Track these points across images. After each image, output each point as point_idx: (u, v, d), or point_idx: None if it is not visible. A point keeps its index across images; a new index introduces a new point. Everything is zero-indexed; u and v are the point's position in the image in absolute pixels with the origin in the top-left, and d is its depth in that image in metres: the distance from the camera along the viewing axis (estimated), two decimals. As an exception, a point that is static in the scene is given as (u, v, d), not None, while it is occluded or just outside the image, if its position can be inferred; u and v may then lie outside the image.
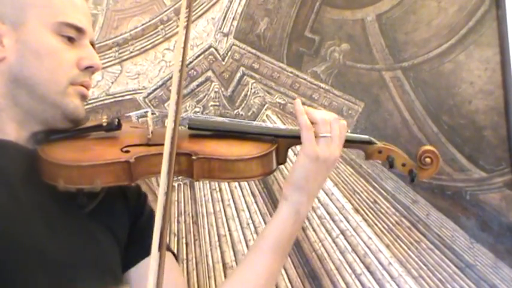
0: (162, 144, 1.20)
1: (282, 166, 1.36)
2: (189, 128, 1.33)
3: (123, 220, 1.33)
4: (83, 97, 1.29)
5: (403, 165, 1.33)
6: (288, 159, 1.35)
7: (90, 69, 1.28)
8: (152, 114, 1.37)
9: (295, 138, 1.33)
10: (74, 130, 1.28)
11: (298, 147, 1.31)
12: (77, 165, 1.18)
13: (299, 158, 1.28)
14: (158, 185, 1.93)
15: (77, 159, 1.19)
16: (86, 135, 1.29)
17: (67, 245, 1.19)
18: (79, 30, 1.27)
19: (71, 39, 1.26)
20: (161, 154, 1.16)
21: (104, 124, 1.28)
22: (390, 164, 1.32)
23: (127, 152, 1.22)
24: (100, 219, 1.27)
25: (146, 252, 1.29)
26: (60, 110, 1.25)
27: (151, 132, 1.29)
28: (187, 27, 1.19)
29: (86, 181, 1.18)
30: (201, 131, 1.33)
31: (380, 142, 1.34)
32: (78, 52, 1.27)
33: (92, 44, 1.31)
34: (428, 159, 1.32)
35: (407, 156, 1.35)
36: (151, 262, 0.99)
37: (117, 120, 1.29)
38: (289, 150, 1.36)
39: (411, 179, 1.33)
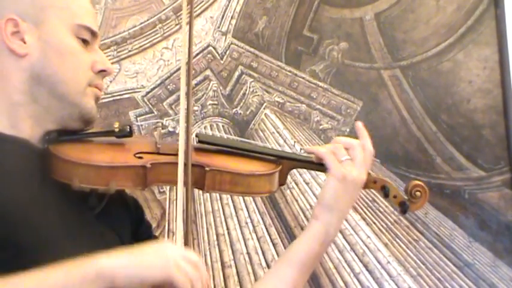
0: (172, 154, 1.23)
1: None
2: (199, 141, 1.34)
3: (126, 225, 1.35)
4: (97, 99, 1.31)
5: (395, 197, 1.38)
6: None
7: (102, 73, 1.31)
8: (162, 128, 1.39)
9: (297, 161, 1.38)
10: (86, 133, 1.29)
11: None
12: (95, 165, 1.18)
13: (328, 180, 1.33)
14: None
15: (95, 159, 1.20)
16: (96, 139, 1.29)
17: (80, 242, 1.20)
18: (93, 33, 1.30)
19: (85, 42, 1.29)
20: (172, 163, 1.20)
21: (116, 130, 1.29)
22: (385, 194, 1.38)
23: (140, 158, 1.23)
24: (107, 222, 1.28)
25: None
26: (78, 109, 1.26)
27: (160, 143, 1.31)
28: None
29: (102, 182, 1.18)
30: (207, 146, 1.35)
31: (374, 173, 1.38)
32: (91, 55, 1.29)
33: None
34: (418, 193, 1.39)
35: (398, 189, 1.39)
36: None
37: (129, 127, 1.30)
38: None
39: (403, 211, 1.38)
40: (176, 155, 1.21)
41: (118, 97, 2.01)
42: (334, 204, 1.32)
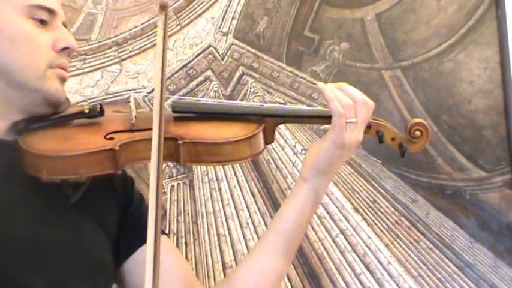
0: (146, 130, 1.18)
1: (281, 165, 1.35)
2: (173, 111, 1.30)
3: (110, 210, 1.30)
4: (63, 80, 1.25)
5: (393, 139, 1.31)
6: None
7: (66, 51, 1.25)
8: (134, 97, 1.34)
9: (282, 117, 1.32)
10: (55, 118, 1.24)
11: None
12: (60, 156, 1.15)
13: (325, 143, 1.27)
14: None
15: (59, 149, 1.16)
16: (67, 123, 1.25)
17: (54, 236, 1.17)
18: (50, 11, 1.23)
19: (43, 22, 1.23)
20: (146, 140, 1.15)
21: (86, 111, 1.25)
22: (380, 139, 1.30)
23: (111, 139, 1.19)
24: (86, 210, 1.24)
25: (139, 243, 1.28)
26: (41, 94, 1.22)
27: (135, 117, 1.26)
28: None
29: (70, 171, 1.15)
30: (186, 114, 1.30)
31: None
32: (52, 34, 1.24)
33: (64, 25, 1.28)
34: (418, 132, 1.30)
35: (397, 129, 1.33)
36: (147, 251, 0.98)
37: (99, 106, 1.26)
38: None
39: (402, 154, 1.31)
40: (151, 129, 1.14)
41: (119, 97, 2.01)
42: (327, 169, 1.27)
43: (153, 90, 2.02)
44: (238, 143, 1.23)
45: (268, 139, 1.30)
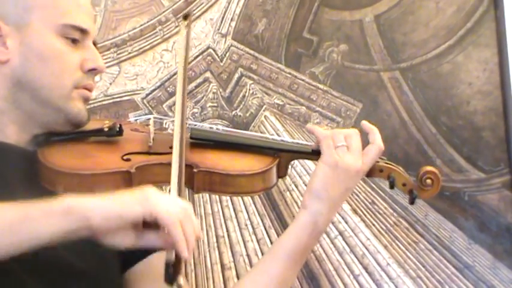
0: (163, 153, 1.22)
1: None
2: (191, 137, 1.31)
3: None
4: (86, 100, 1.27)
5: (404, 185, 1.30)
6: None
7: (93, 72, 1.27)
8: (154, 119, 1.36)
9: (297, 153, 1.32)
10: (74, 132, 1.27)
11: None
12: (77, 174, 1.17)
13: (318, 166, 1.27)
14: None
15: (77, 167, 1.19)
16: (86, 139, 1.27)
17: (67, 248, 1.18)
18: (83, 31, 1.25)
19: (74, 41, 1.24)
20: (162, 164, 1.19)
21: (106, 129, 1.27)
22: (391, 184, 1.29)
23: (128, 160, 1.21)
24: None
25: (143, 255, 1.29)
26: (64, 114, 1.23)
27: (153, 139, 1.28)
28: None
29: (86, 189, 1.16)
30: (203, 141, 1.32)
31: (382, 160, 1.33)
32: (81, 54, 1.25)
33: (94, 43, 1.30)
34: (429, 181, 1.29)
35: (408, 176, 1.32)
36: None
37: (118, 125, 1.28)
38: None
39: (411, 201, 1.30)
40: (167, 153, 1.19)
41: (118, 99, 2.01)
42: (323, 193, 1.25)
43: (151, 92, 2.02)
44: (253, 176, 1.25)
45: (281, 173, 1.31)
